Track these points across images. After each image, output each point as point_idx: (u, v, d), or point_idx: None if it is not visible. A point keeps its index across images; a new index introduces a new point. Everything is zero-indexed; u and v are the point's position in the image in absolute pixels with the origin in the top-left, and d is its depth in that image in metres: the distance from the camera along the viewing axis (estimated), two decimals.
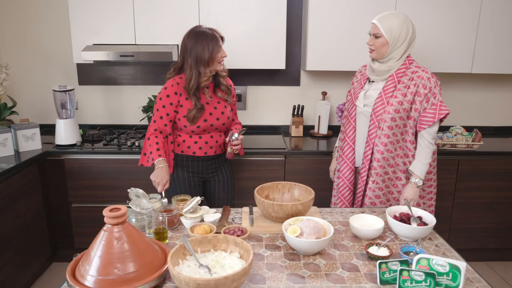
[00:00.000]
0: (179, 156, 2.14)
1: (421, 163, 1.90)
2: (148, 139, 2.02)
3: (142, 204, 1.66)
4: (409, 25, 1.89)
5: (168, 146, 2.08)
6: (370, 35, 1.94)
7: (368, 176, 1.99)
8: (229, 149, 2.10)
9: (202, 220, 1.64)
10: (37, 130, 2.72)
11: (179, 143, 2.12)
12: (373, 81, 2.00)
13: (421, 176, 1.90)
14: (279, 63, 2.83)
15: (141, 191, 1.69)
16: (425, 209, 2.01)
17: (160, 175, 1.91)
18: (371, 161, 1.97)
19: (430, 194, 2.06)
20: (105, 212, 1.24)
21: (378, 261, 1.25)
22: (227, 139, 2.08)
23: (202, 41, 1.97)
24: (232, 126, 2.24)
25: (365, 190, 2.01)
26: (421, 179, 1.91)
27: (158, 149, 1.98)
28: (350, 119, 2.05)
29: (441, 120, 1.91)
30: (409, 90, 1.87)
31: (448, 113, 1.88)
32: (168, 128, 2.06)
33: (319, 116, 3.08)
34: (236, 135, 2.06)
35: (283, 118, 3.27)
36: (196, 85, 2.01)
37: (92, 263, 1.19)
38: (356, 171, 2.08)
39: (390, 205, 1.99)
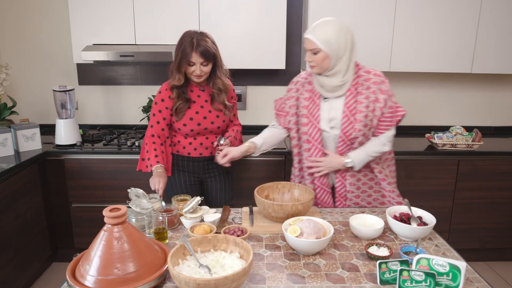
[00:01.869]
0: (175, 156, 2.14)
1: (364, 153, 1.79)
2: (146, 144, 2.03)
3: (142, 204, 1.66)
4: (347, 30, 1.72)
5: (167, 149, 2.07)
6: (306, 50, 1.75)
7: (345, 192, 1.90)
8: (216, 154, 2.05)
9: (202, 220, 1.64)
10: (37, 130, 2.72)
11: (175, 143, 2.12)
12: (327, 98, 1.82)
13: (355, 161, 1.78)
14: (279, 63, 2.83)
15: (141, 191, 1.69)
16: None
17: (157, 179, 1.88)
18: (345, 177, 1.88)
19: (393, 195, 1.92)
20: (105, 212, 1.24)
21: (378, 261, 1.25)
22: (215, 144, 2.07)
23: (179, 46, 1.93)
24: (230, 127, 2.21)
25: (345, 203, 1.94)
26: (352, 162, 1.79)
27: (156, 156, 1.97)
28: (314, 143, 1.84)
29: (397, 122, 1.82)
30: (370, 100, 1.74)
31: (405, 114, 1.77)
32: (165, 132, 2.06)
33: None
34: (222, 140, 2.04)
35: None
36: (178, 83, 1.99)
37: (92, 263, 1.19)
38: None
39: (369, 203, 1.94)
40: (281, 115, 2.00)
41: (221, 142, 2.05)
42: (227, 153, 1.89)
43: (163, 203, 1.74)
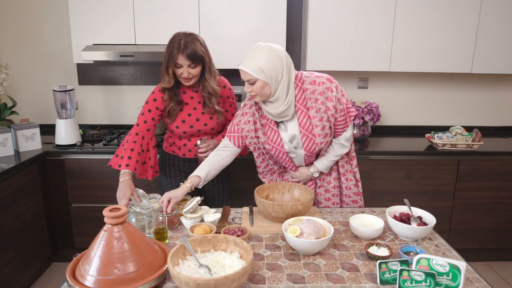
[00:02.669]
0: (171, 156, 2.13)
1: (326, 159, 1.85)
2: (127, 141, 1.94)
3: (142, 204, 1.66)
4: (278, 53, 1.65)
5: (151, 151, 2.01)
6: (244, 81, 1.68)
7: (316, 188, 1.94)
8: (198, 156, 2.04)
9: (202, 220, 1.64)
10: (37, 130, 2.72)
11: (171, 144, 2.12)
12: (281, 122, 1.79)
13: (321, 169, 1.86)
14: None
15: (141, 191, 1.69)
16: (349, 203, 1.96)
17: (122, 191, 1.77)
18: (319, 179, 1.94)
19: (357, 195, 1.95)
20: (105, 212, 1.24)
21: (378, 261, 1.25)
22: (196, 147, 2.03)
23: (167, 48, 1.90)
24: (225, 128, 2.16)
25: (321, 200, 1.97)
26: (319, 172, 1.87)
27: (129, 157, 1.87)
28: (284, 161, 1.86)
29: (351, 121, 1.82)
30: (321, 111, 1.71)
31: (356, 114, 1.78)
32: (150, 133, 2.00)
33: None
34: (198, 142, 2.00)
35: None
36: (168, 85, 1.95)
37: (92, 263, 1.19)
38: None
39: (344, 203, 1.95)
40: (238, 137, 1.86)
41: (198, 143, 2.00)
42: (169, 199, 1.69)
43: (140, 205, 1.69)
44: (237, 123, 1.85)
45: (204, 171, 1.80)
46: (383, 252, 1.39)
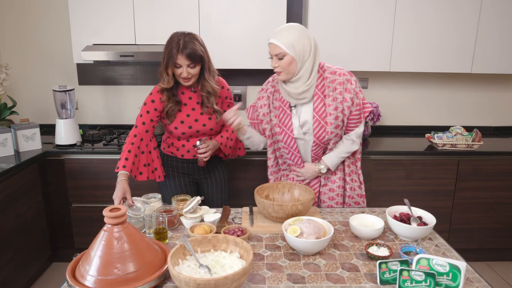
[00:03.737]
0: (169, 157, 2.13)
1: (335, 155, 1.86)
2: (125, 143, 1.95)
3: (134, 209, 1.66)
4: (308, 33, 1.71)
5: (152, 153, 2.01)
6: (271, 57, 1.73)
7: (319, 187, 1.94)
8: (198, 156, 2.03)
9: (202, 220, 1.65)
10: (37, 130, 2.72)
11: (169, 145, 2.11)
12: (295, 105, 1.82)
13: (329, 166, 1.87)
14: None
15: (139, 199, 1.69)
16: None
17: (115, 192, 1.75)
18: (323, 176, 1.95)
19: (359, 197, 1.96)
20: (105, 212, 1.24)
21: (378, 261, 1.25)
22: (196, 148, 2.02)
23: (166, 48, 1.90)
24: (225, 128, 2.16)
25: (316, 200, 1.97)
26: (326, 167, 1.87)
27: (126, 159, 1.88)
28: (291, 150, 1.87)
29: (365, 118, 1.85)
30: (338, 101, 1.75)
31: (372, 110, 1.80)
32: (149, 134, 2.00)
33: None
34: (197, 143, 1.99)
35: None
36: (167, 85, 1.95)
37: (92, 263, 1.19)
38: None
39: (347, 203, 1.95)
40: (256, 123, 1.94)
41: (198, 144, 1.99)
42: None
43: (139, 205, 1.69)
44: (255, 109, 1.93)
45: (249, 130, 1.90)
46: (383, 252, 1.39)
